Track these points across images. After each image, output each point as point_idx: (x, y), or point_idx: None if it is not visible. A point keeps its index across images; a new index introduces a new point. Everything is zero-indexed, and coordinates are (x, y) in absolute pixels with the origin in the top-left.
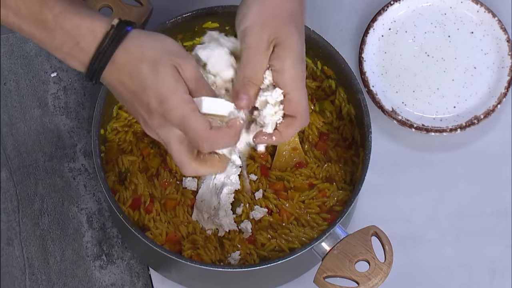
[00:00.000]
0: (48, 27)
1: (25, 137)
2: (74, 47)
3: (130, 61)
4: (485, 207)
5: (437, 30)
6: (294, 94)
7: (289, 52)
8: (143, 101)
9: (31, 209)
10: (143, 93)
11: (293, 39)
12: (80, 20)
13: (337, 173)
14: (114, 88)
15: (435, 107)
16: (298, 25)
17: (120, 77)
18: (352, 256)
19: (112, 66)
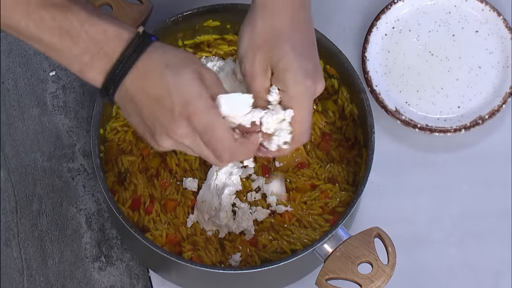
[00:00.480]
0: (72, 34)
1: (23, 137)
2: (97, 54)
3: (155, 67)
4: (489, 208)
5: (441, 29)
6: (296, 112)
7: (286, 73)
8: (166, 107)
9: (29, 210)
10: (168, 98)
11: (287, 58)
12: (106, 25)
13: (340, 173)
14: (132, 97)
15: (439, 107)
16: (294, 42)
17: (142, 84)
18: (355, 258)
19: (136, 72)
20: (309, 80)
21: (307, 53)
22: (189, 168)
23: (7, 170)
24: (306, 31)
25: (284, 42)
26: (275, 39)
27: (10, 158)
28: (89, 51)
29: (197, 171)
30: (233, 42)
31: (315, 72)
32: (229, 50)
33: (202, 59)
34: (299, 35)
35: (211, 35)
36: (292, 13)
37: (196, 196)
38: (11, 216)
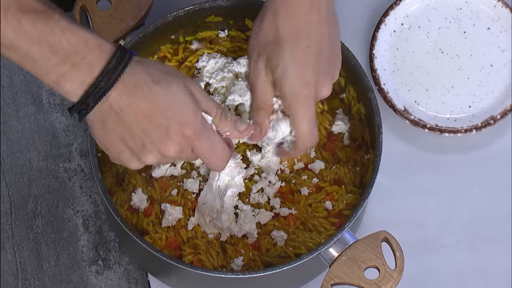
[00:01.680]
0: (51, 42)
1: (19, 136)
2: (77, 64)
3: (142, 82)
4: (501, 211)
5: (452, 26)
6: (294, 119)
7: (283, 81)
8: (160, 124)
9: (24, 211)
10: (162, 114)
11: (284, 66)
12: (87, 35)
13: (346, 175)
14: (117, 112)
15: (449, 107)
16: (295, 48)
17: (131, 99)
18: (361, 263)
19: (122, 86)
20: (306, 89)
21: (310, 60)
22: (190, 169)
23: (1, 170)
24: (314, 35)
25: (283, 48)
26: (276, 43)
27: (4, 157)
28: (68, 60)
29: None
30: (236, 39)
31: (316, 78)
32: (232, 47)
33: (204, 56)
34: (304, 41)
35: (213, 31)
36: (299, 16)
37: (197, 198)
38: (6, 218)
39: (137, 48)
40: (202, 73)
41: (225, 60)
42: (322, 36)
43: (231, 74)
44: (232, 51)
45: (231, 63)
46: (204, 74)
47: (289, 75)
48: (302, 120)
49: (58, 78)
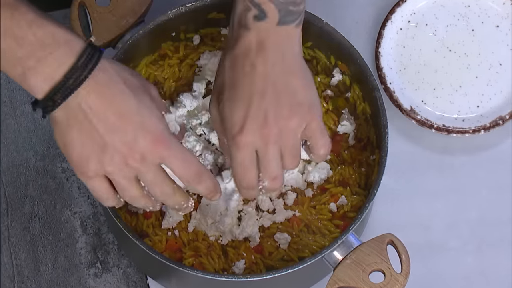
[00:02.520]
0: (17, 34)
1: (15, 135)
2: (44, 58)
3: (114, 82)
4: (509, 214)
5: (460, 23)
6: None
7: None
8: (128, 128)
9: (21, 212)
10: (132, 118)
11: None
12: (55, 29)
13: (351, 176)
14: (86, 110)
15: (457, 106)
16: (233, 93)
17: (100, 98)
18: (366, 266)
19: (92, 84)
20: (234, 141)
21: (244, 98)
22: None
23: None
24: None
25: (224, 94)
26: (221, 88)
27: (1, 157)
28: (35, 54)
29: None
30: None
31: (253, 119)
32: None
33: (205, 53)
34: (241, 77)
35: (215, 28)
36: (237, 66)
37: (199, 199)
38: (2, 219)
39: (137, 46)
40: (203, 71)
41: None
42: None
43: None
44: None
45: None
46: (205, 72)
47: (224, 115)
48: (234, 164)
49: (24, 71)
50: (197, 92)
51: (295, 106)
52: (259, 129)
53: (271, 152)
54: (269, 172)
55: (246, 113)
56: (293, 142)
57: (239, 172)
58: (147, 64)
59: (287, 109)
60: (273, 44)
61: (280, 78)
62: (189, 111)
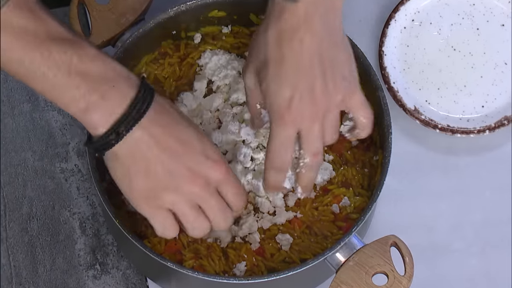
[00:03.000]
0: (80, 69)
1: (13, 134)
2: (109, 91)
3: (170, 111)
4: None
5: (464, 22)
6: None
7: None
8: (196, 149)
9: (19, 213)
10: (198, 140)
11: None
12: (115, 63)
13: (354, 177)
14: (149, 139)
15: (462, 106)
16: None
17: (162, 126)
18: (369, 268)
19: (152, 113)
20: (283, 106)
21: (291, 75)
22: None
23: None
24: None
25: (268, 68)
26: (264, 62)
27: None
28: (99, 88)
29: None
30: (240, 34)
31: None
32: (236, 43)
33: (206, 52)
34: (288, 53)
35: (216, 26)
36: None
37: None
38: None
39: (137, 44)
40: (204, 70)
41: (229, 57)
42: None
43: (234, 71)
44: (235, 47)
45: (234, 60)
46: (206, 71)
47: (269, 91)
48: (273, 140)
49: (87, 106)
50: (198, 92)
51: (340, 80)
52: (307, 107)
53: (316, 129)
54: (312, 148)
55: (294, 91)
56: (336, 116)
57: (277, 150)
58: (147, 62)
59: (333, 84)
60: (320, 17)
61: (326, 53)
62: (189, 111)
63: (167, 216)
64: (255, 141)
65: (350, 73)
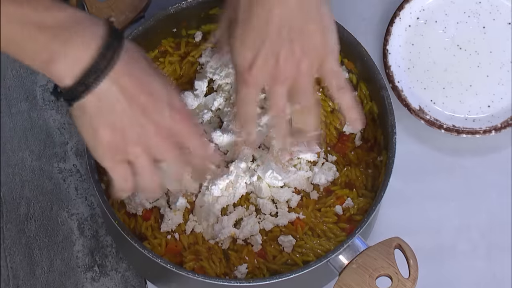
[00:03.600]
0: (35, 20)
1: (11, 134)
2: (70, 39)
3: (137, 60)
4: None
5: (470, 21)
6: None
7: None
8: (162, 100)
9: (16, 214)
10: (165, 89)
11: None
12: (74, 10)
13: (358, 178)
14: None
15: (467, 106)
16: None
17: (133, 79)
18: (373, 271)
19: (122, 63)
20: (241, 77)
21: (256, 39)
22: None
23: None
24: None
25: (237, 27)
26: (235, 19)
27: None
28: (58, 37)
29: None
30: None
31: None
32: None
33: (207, 50)
34: (256, 18)
35: (217, 24)
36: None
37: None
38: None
39: (137, 42)
40: (205, 68)
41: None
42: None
43: None
44: None
45: None
46: (207, 70)
47: (234, 49)
48: (237, 95)
49: (50, 56)
50: (199, 91)
51: (309, 48)
52: (268, 69)
53: (279, 91)
54: (275, 107)
55: (257, 52)
56: (305, 81)
57: (239, 105)
58: None
59: (300, 51)
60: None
61: (296, 23)
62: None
63: (127, 168)
64: (257, 140)
65: (323, 42)
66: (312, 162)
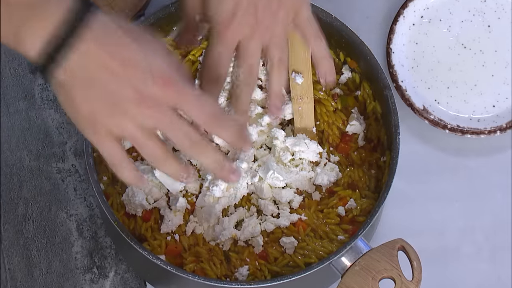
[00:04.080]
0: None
1: (9, 133)
2: (33, 12)
3: (110, 29)
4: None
5: (475, 19)
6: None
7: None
8: (134, 79)
9: (14, 215)
10: (144, 57)
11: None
12: None
13: (361, 178)
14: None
15: (472, 106)
16: None
17: (101, 47)
18: (376, 273)
19: (89, 34)
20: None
21: None
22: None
23: None
24: None
25: None
26: None
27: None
28: (24, 11)
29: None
30: None
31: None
32: None
33: None
34: None
35: None
36: None
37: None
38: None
39: None
40: None
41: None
42: None
43: None
44: None
45: None
46: None
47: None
48: (209, 50)
49: (16, 30)
50: None
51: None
52: (247, 23)
53: (253, 45)
54: (247, 62)
55: (235, 7)
56: (281, 31)
57: (210, 65)
58: None
59: (276, 1)
60: None
61: None
62: None
63: (115, 143)
64: (259, 141)
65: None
66: (314, 163)
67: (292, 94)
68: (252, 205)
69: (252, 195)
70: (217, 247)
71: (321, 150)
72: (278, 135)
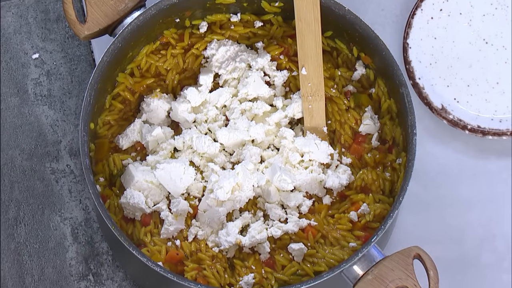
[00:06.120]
0: None
1: None
2: None
3: None
4: None
5: (497, 13)
6: None
7: None
8: None
9: (5, 218)
10: None
11: None
12: None
13: (374, 182)
14: None
15: (494, 106)
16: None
17: None
18: (390, 282)
19: None
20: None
21: None
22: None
23: None
24: None
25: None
26: None
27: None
28: None
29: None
30: (250, 23)
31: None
32: (245, 33)
33: (213, 42)
34: None
35: (224, 14)
36: None
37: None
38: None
39: (137, 33)
40: (210, 62)
41: (237, 48)
42: None
43: (243, 64)
44: (245, 37)
45: (244, 51)
46: (212, 63)
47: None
48: None
49: None
50: (204, 86)
51: None
52: None
53: None
54: None
55: None
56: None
57: None
58: (148, 53)
59: None
60: None
61: None
62: (193, 107)
63: None
64: (266, 141)
65: None
66: (325, 165)
67: (302, 91)
68: (258, 209)
69: (259, 198)
70: (221, 254)
71: (332, 151)
72: (286, 135)
